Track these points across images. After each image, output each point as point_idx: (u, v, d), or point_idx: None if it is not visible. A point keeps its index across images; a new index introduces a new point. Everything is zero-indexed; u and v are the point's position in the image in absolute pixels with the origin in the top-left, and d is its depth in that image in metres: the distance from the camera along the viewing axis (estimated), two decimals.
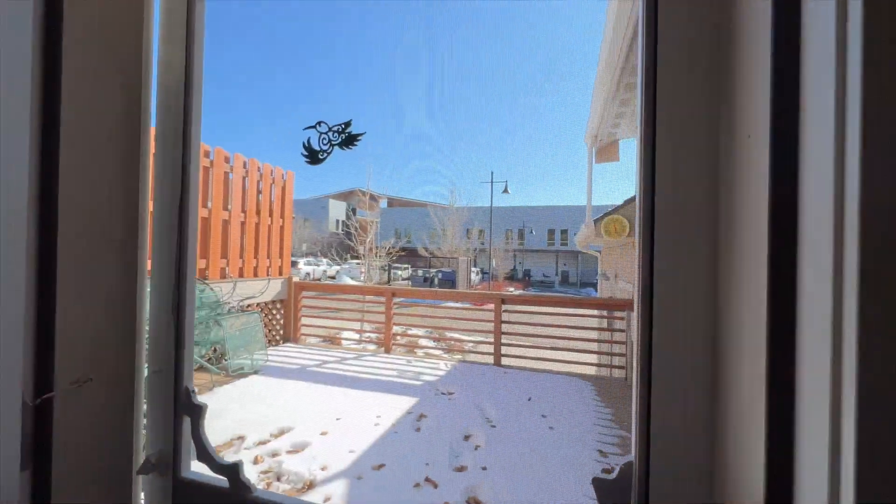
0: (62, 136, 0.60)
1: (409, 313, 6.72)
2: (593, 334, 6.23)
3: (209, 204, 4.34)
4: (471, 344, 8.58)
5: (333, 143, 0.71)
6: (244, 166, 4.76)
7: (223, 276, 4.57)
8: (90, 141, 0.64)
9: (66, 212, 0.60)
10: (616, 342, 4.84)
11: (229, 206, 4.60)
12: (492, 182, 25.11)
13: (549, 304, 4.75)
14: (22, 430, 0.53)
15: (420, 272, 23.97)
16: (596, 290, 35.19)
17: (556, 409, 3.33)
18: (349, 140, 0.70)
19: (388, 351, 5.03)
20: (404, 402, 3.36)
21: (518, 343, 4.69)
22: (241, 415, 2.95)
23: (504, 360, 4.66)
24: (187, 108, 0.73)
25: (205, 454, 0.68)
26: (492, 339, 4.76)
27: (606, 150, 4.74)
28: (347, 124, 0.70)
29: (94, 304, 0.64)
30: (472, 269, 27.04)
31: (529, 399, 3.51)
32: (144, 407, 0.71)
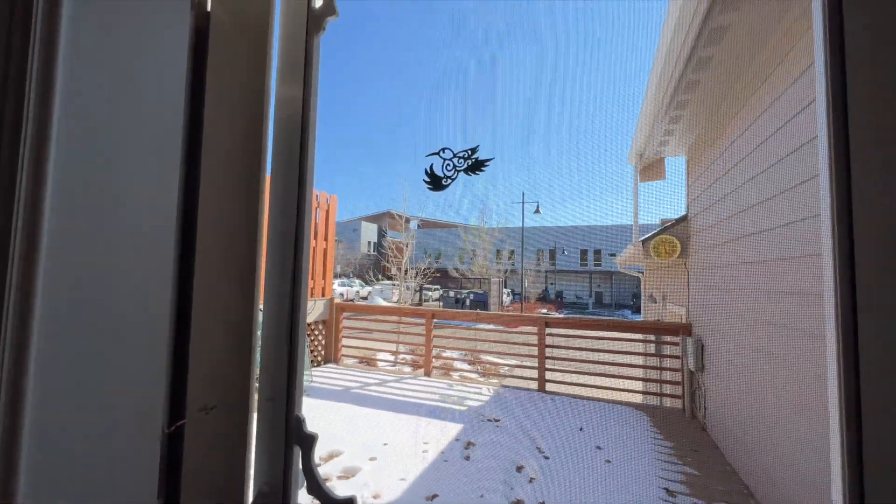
0: (202, 173, 0.63)
1: (446, 335, 6.65)
2: (641, 360, 5.93)
3: None
4: (506, 368, 8.36)
5: (458, 168, 0.71)
6: None
7: None
8: (223, 176, 0.67)
9: (202, 242, 0.62)
10: (667, 369, 4.57)
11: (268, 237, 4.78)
12: (523, 202, 24.94)
13: (596, 328, 4.57)
14: (160, 457, 0.54)
15: (451, 293, 23.90)
16: (632, 313, 33.77)
17: (612, 441, 3.14)
18: (476, 166, 0.70)
19: (427, 374, 4.97)
20: (451, 429, 3.27)
21: (562, 368, 4.51)
22: None
23: (548, 386, 4.49)
24: (304, 133, 0.76)
25: (315, 487, 0.66)
26: (534, 364, 4.61)
27: (652, 169, 4.62)
28: (474, 150, 0.70)
29: (218, 329, 0.66)
30: (504, 290, 26.74)
31: (581, 429, 3.33)
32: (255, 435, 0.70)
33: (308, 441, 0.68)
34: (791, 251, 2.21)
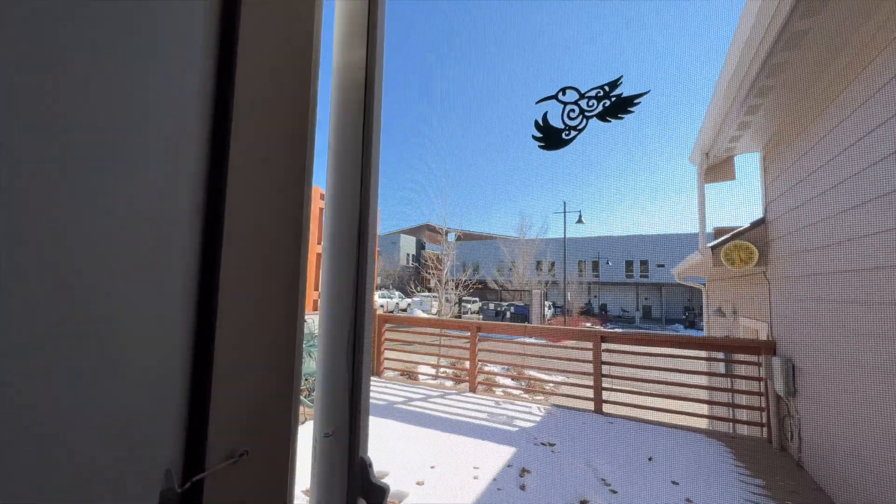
0: (231, 160, 0.49)
1: (489, 348, 6.39)
2: (708, 381, 5.36)
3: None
4: (551, 384, 7.91)
5: (589, 113, 0.53)
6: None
7: (315, 308, 4.70)
8: (258, 165, 0.52)
9: (230, 243, 0.47)
10: (745, 392, 4.06)
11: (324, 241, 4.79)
12: (564, 212, 24.23)
13: (659, 344, 4.15)
14: None
15: (491, 305, 23.47)
16: (685, 327, 31.69)
17: (689, 475, 2.75)
18: (619, 106, 0.52)
19: (472, 390, 4.73)
20: (501, 452, 3.02)
21: (621, 388, 4.12)
22: None
23: (605, 408, 4.11)
24: (368, 114, 0.60)
25: None
26: (588, 382, 4.25)
27: (719, 169, 4.19)
28: (615, 84, 0.52)
29: (252, 348, 0.50)
30: (545, 302, 25.89)
31: (651, 459, 2.96)
32: (302, 481, 0.54)
33: (378, 495, 0.51)
34: None
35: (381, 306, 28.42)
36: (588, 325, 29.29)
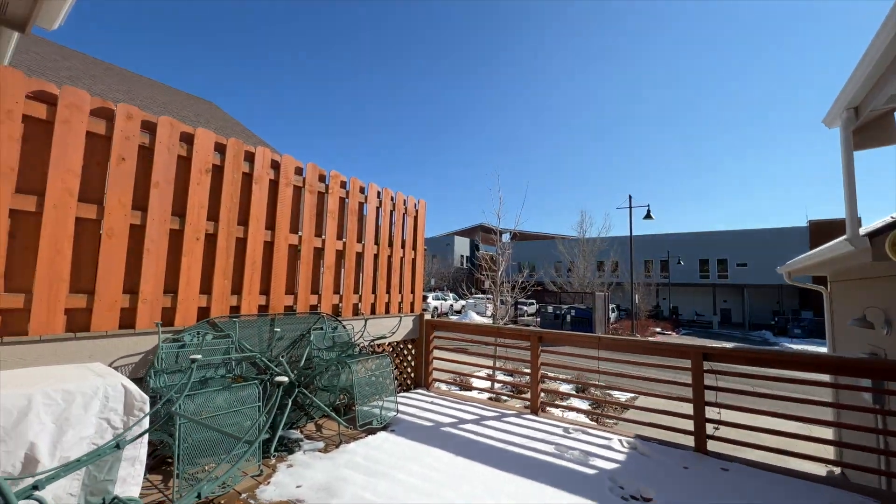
0: None
1: (553, 361, 5.57)
2: (864, 418, 4.14)
3: (344, 237, 4.14)
4: (634, 410, 6.84)
5: None
6: (378, 196, 4.53)
7: (356, 312, 4.27)
8: None
9: None
10: None
11: (363, 239, 4.36)
12: (630, 206, 22.42)
13: (789, 366, 3.14)
14: None
15: (549, 308, 22.17)
16: (774, 335, 27.99)
17: None
18: None
19: (534, 412, 4.01)
20: None
21: (734, 421, 3.17)
22: (363, 494, 2.30)
23: (713, 445, 3.19)
24: None
25: None
26: (685, 410, 3.35)
27: (874, 130, 3.10)
28: None
29: None
30: (609, 305, 23.99)
31: None
32: None
33: None
34: None
35: (436, 308, 28.23)
36: (658, 329, 26.71)
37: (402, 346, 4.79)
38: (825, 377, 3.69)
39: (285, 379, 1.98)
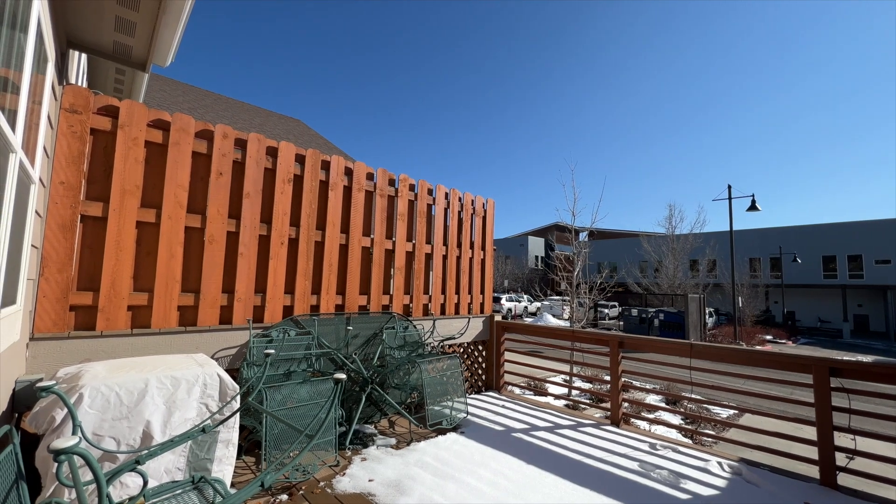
0: None
1: (637, 369, 5.14)
2: None
3: (413, 239, 4.23)
4: (728, 414, 5.99)
5: None
6: (445, 197, 4.56)
7: (426, 313, 4.34)
8: None
9: None
10: None
11: (431, 240, 4.42)
12: (730, 198, 19.88)
13: None
14: None
15: (634, 311, 20.53)
16: None
17: None
18: None
19: (615, 423, 3.70)
20: None
21: (872, 451, 2.59)
22: (431, 495, 2.29)
23: (844, 479, 2.64)
24: None
25: None
26: (807, 433, 2.82)
27: None
28: None
29: None
30: (706, 309, 21.48)
31: None
32: None
33: None
34: None
35: (510, 310, 27.79)
36: (769, 337, 23.20)
37: (471, 347, 4.75)
38: None
39: (343, 375, 2.05)
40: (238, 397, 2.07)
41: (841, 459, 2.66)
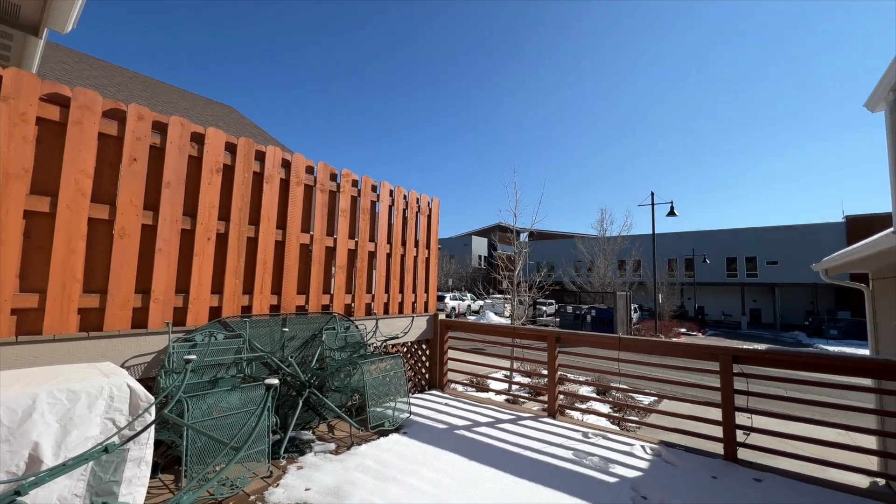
0: None
1: (571, 363, 5.43)
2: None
3: (356, 236, 4.10)
4: (657, 414, 6.58)
5: None
6: (390, 194, 4.48)
7: (368, 312, 4.23)
8: None
9: None
10: None
11: (375, 238, 4.32)
12: (652, 203, 21.82)
13: (827, 368, 2.91)
14: None
15: (569, 308, 21.76)
16: (808, 336, 26.84)
17: None
18: None
19: (552, 414, 3.87)
20: None
21: (765, 427, 2.97)
22: (371, 499, 2.23)
23: (743, 454, 2.99)
24: None
25: None
26: (713, 415, 3.16)
27: None
28: None
29: None
30: (631, 305, 23.36)
31: None
32: None
33: None
34: None
35: (453, 308, 28.14)
36: (683, 330, 25.84)
37: (415, 346, 4.72)
38: (867, 381, 3.42)
39: (276, 381, 1.93)
40: (153, 409, 1.85)
41: (741, 436, 3.01)
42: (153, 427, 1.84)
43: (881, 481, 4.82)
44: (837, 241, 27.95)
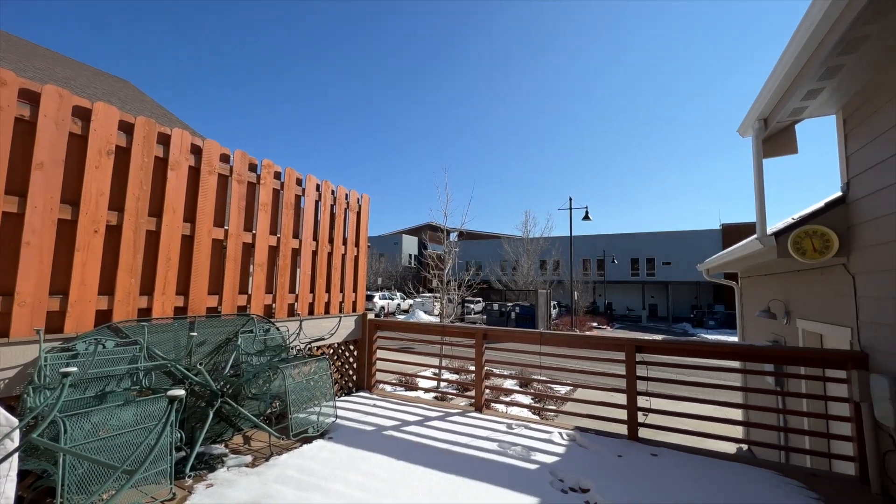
0: None
1: (498, 358, 5.63)
2: (780, 401, 4.60)
3: (278, 232, 3.83)
4: (573, 402, 7.15)
5: None
6: (317, 189, 4.26)
7: (291, 313, 3.98)
8: None
9: None
10: (817, 415, 3.32)
11: (300, 234, 4.08)
12: (570, 208, 23.53)
13: (708, 355, 3.40)
14: None
15: (495, 306, 22.68)
16: (692, 326, 31.04)
17: None
18: None
19: (478, 409, 4.00)
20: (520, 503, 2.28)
21: (662, 409, 3.38)
22: None
23: (643, 433, 3.37)
24: None
25: None
26: (619, 400, 3.51)
27: (778, 141, 3.44)
28: None
29: None
30: (551, 302, 25.01)
31: None
32: None
33: None
34: None
35: (382, 308, 27.71)
36: (595, 324, 28.43)
37: (342, 347, 4.55)
38: (736, 364, 4.06)
39: (181, 392, 1.73)
40: (16, 434, 1.54)
41: (641, 418, 3.39)
42: (16, 455, 1.54)
43: (745, 447, 5.76)
44: (715, 245, 32.83)
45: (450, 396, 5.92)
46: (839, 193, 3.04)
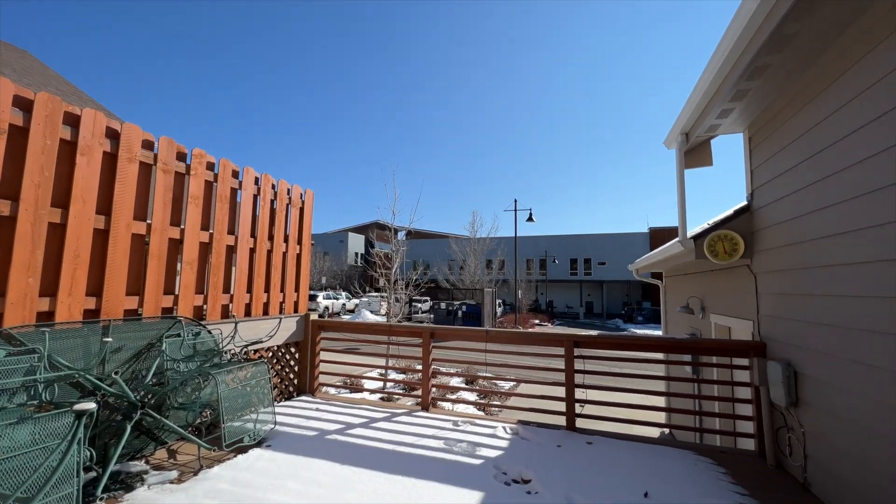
0: None
1: (445, 357, 5.71)
2: (697, 388, 5.04)
3: (211, 228, 3.55)
4: (516, 398, 7.38)
5: None
6: (255, 182, 4.01)
7: (225, 315, 3.71)
8: None
9: None
10: (724, 399, 3.72)
11: (236, 230, 3.81)
12: (515, 210, 24.30)
13: (637, 348, 3.68)
14: None
15: (442, 305, 22.85)
16: (624, 322, 33.46)
17: None
18: None
19: (425, 408, 4.00)
20: (464, 500, 2.32)
21: (596, 399, 3.60)
22: None
23: (580, 423, 3.57)
24: None
25: None
26: (559, 393, 3.70)
27: (698, 153, 3.81)
28: None
29: None
30: (496, 301, 25.66)
31: (647, 495, 2.41)
32: None
33: None
34: None
35: (326, 308, 26.76)
36: (537, 321, 29.71)
37: (283, 350, 4.33)
38: (660, 355, 4.46)
39: (91, 405, 1.56)
40: None
41: (578, 409, 3.59)
42: None
43: (667, 431, 6.33)
44: (644, 247, 35.73)
45: (396, 397, 5.87)
46: (745, 202, 3.45)
